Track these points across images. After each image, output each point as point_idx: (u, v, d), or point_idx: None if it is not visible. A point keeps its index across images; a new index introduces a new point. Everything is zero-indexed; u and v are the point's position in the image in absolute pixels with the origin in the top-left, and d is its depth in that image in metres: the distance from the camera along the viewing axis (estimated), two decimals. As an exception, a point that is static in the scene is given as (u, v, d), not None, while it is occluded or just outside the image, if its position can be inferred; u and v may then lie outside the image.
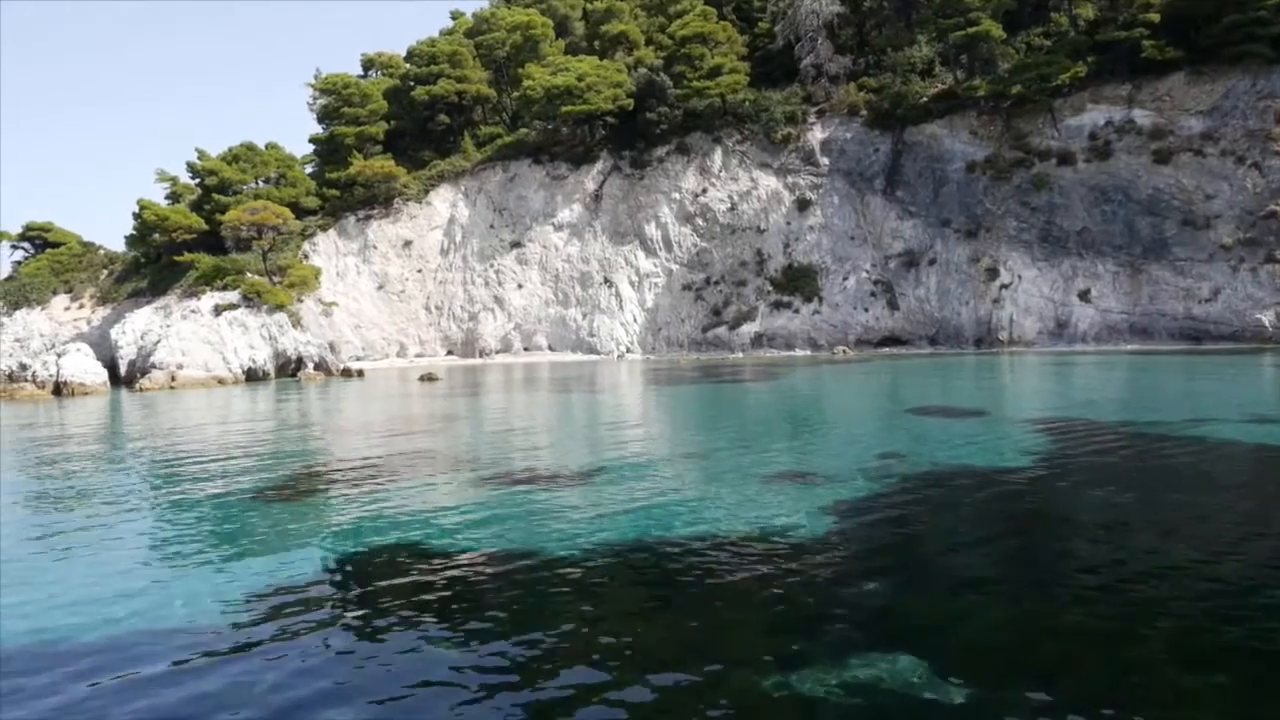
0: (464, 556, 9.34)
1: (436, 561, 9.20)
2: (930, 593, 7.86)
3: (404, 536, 10.19)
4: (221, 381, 39.86)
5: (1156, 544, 9.12)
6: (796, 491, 12.12)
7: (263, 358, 42.05)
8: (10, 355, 52.82)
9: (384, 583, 8.61)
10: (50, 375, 37.46)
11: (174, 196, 55.22)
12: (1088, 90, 46.20)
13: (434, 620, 7.48)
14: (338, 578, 8.92)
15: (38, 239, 61.01)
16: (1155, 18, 43.65)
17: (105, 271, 57.85)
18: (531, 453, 16.28)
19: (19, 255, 62.65)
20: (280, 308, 42.84)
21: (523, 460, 15.33)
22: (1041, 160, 46.40)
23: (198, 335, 40.93)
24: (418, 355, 52.40)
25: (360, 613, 7.76)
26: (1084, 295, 44.95)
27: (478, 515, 11.20)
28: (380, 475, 14.22)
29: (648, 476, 13.37)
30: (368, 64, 64.94)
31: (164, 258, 52.39)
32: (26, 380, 37.00)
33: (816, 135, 51.97)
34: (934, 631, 6.89)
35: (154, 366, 39.26)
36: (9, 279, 59.45)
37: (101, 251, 60.70)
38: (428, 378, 37.35)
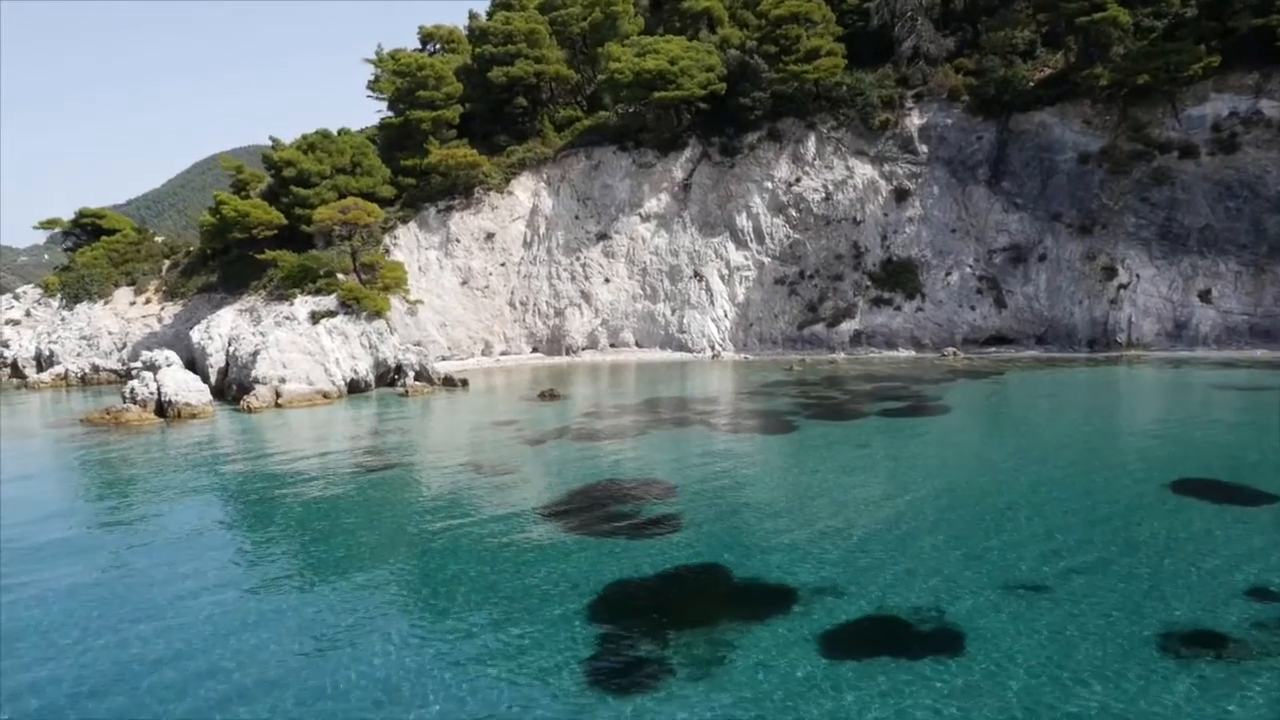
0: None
1: None
2: None
3: None
4: (326, 396, 38.29)
5: None
6: (1231, 680, 10.50)
7: (364, 368, 40.42)
8: (79, 355, 50.97)
9: None
10: (150, 393, 35.62)
11: (240, 185, 52.81)
12: (1210, 79, 44.05)
13: None
14: None
15: (90, 225, 58.58)
16: (1292, 3, 41.36)
17: (167, 262, 55.66)
18: (826, 587, 14.51)
19: (70, 243, 60.42)
20: (379, 314, 41.07)
21: (839, 599, 13.61)
22: (1162, 153, 44.41)
23: (297, 345, 39.17)
24: (503, 353, 50.74)
25: None
26: (1204, 295, 43.49)
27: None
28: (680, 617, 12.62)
29: (1009, 643, 11.52)
30: (426, 37, 61.91)
31: (233, 251, 50.27)
32: (130, 401, 35.16)
33: (914, 121, 49.72)
34: None
35: (256, 381, 37.59)
36: (65, 269, 57.08)
37: (160, 239, 58.37)
38: (549, 395, 35.82)
